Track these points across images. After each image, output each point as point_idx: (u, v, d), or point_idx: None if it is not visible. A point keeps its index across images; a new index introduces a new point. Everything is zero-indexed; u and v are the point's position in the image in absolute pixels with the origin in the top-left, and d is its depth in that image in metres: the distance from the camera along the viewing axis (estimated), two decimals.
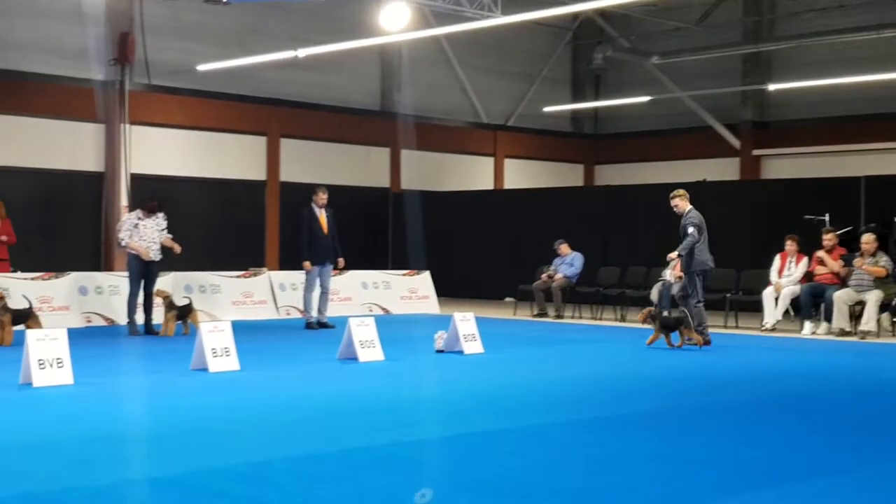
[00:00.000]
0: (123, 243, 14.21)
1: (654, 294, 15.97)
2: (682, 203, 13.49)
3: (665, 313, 13.54)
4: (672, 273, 13.75)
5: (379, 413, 8.20)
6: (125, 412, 8.20)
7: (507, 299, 21.71)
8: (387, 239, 25.38)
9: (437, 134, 26.07)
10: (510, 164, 28.07)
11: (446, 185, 26.03)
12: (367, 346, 11.41)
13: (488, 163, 27.75)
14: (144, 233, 14.16)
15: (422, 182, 25.46)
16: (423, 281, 19.62)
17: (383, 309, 18.59)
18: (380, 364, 11.17)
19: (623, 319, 17.57)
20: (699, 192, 14.96)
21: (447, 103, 26.63)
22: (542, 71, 28.64)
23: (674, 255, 13.31)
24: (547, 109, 27.86)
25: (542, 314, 18.49)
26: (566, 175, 28.93)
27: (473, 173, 27.27)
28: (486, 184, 27.37)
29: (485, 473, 6.08)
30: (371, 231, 24.91)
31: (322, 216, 15.09)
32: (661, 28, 26.04)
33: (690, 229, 13.15)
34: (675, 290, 14.07)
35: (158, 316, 14.28)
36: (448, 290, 21.44)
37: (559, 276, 18.53)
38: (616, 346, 13.81)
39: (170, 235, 14.35)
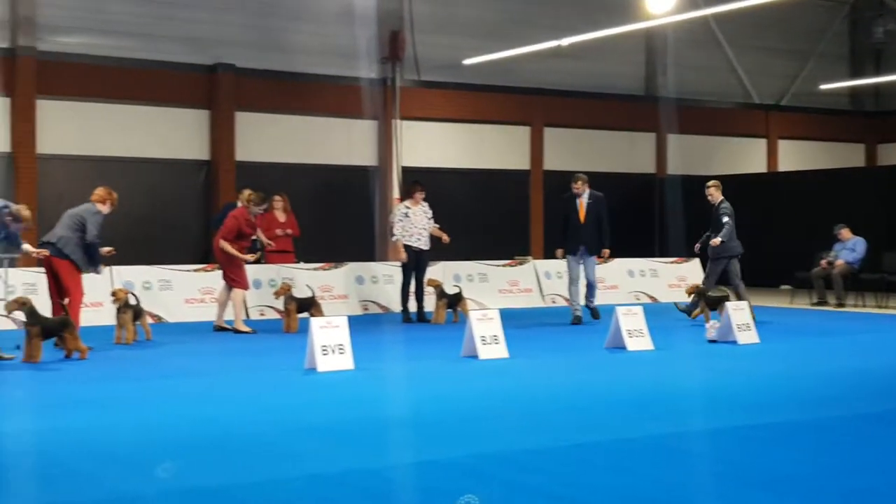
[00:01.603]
0: (395, 238, 14.72)
1: None
2: (716, 193, 15.20)
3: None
4: None
5: (651, 403, 8.09)
6: (401, 397, 8.48)
7: (784, 287, 20.88)
8: (653, 226, 24.99)
9: (704, 116, 25.42)
10: (784, 146, 26.98)
11: (715, 170, 25.26)
12: (636, 335, 11.28)
13: (760, 144, 26.80)
14: (415, 220, 14.60)
15: (689, 167, 24.88)
16: (692, 269, 19.19)
17: (651, 297, 18.34)
18: (649, 353, 11.01)
19: None
20: None
21: (715, 84, 25.91)
22: (818, 47, 27.32)
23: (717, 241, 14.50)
24: (824, 87, 26.56)
25: (822, 302, 17.67)
26: (845, 155, 27.46)
27: (744, 156, 26.41)
28: (759, 167, 26.43)
29: (762, 467, 5.88)
30: (637, 218, 24.60)
31: (581, 204, 14.37)
32: None
33: (725, 218, 14.71)
34: None
35: (430, 304, 14.70)
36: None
37: (840, 262, 17.65)
38: None
39: (436, 225, 14.73)
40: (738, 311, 11.99)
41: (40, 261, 11.13)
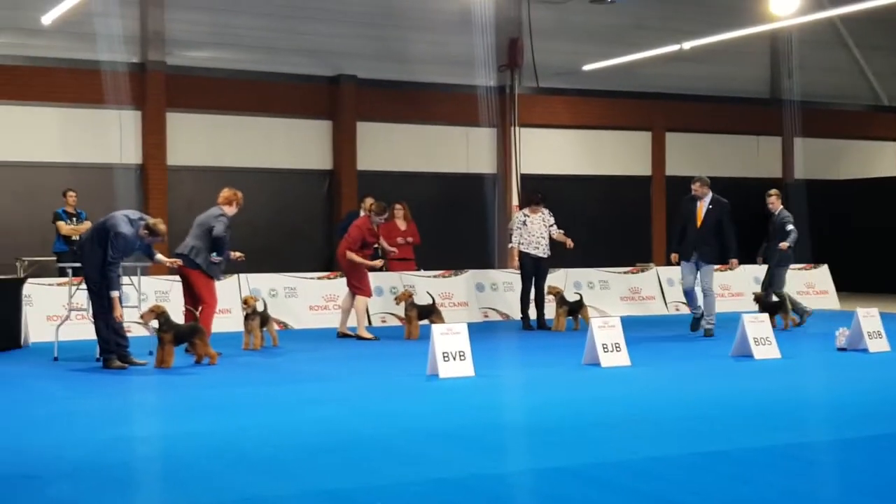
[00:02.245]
0: (511, 245, 14.75)
1: None
2: (776, 202, 15.18)
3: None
4: None
5: (777, 412, 7.92)
6: (522, 403, 8.49)
7: None
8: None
9: (831, 119, 24.78)
10: None
11: (843, 174, 24.68)
12: (763, 343, 11.05)
13: (891, 148, 25.98)
14: (532, 229, 14.59)
15: (816, 171, 24.32)
16: (821, 275, 18.72)
17: None
18: (776, 361, 10.78)
19: None
20: None
21: (842, 87, 25.23)
22: None
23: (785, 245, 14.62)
24: None
25: None
26: None
27: (874, 159, 25.65)
28: (890, 170, 25.62)
29: (891, 478, 5.71)
30: (762, 224, 24.03)
31: (700, 208, 13.60)
32: None
33: (790, 226, 14.79)
34: None
35: (550, 311, 14.66)
36: (849, 284, 20.32)
37: None
38: None
39: (560, 231, 14.68)
40: (869, 318, 11.64)
41: (172, 269, 11.49)
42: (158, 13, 18.55)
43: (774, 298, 14.62)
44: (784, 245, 14.78)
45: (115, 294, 10.32)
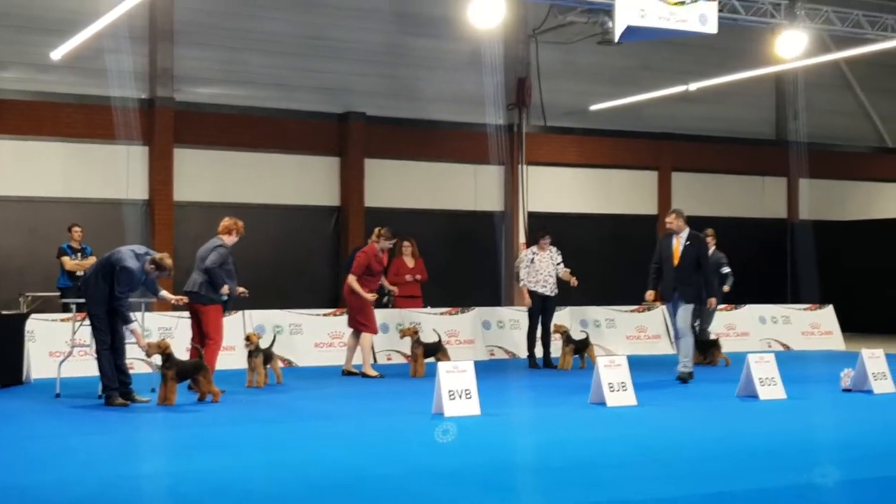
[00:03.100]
0: (521, 284, 14.73)
1: None
2: (712, 242, 14.95)
3: None
4: None
5: (785, 453, 7.87)
6: (528, 443, 8.44)
7: None
8: (785, 272, 24.41)
9: (836, 161, 24.82)
10: None
11: (849, 215, 24.68)
12: (768, 383, 11.01)
13: (895, 189, 25.99)
14: (540, 267, 14.57)
15: (822, 211, 24.34)
16: (826, 315, 18.65)
17: (783, 345, 17.87)
18: (782, 402, 10.73)
19: None
20: None
21: (847, 129, 25.30)
22: None
23: None
24: None
25: None
26: None
27: (879, 201, 25.65)
28: (894, 211, 25.61)
29: None
30: (768, 264, 24.10)
31: (677, 244, 12.68)
32: None
33: (726, 269, 15.17)
34: None
35: (557, 349, 14.62)
36: (854, 325, 20.26)
37: None
38: None
39: (567, 269, 14.66)
40: (874, 360, 11.59)
41: (177, 306, 11.47)
42: (167, 49, 18.67)
43: (713, 336, 15.43)
44: (726, 288, 15.37)
45: (133, 327, 10.31)
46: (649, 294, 13.18)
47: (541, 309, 14.63)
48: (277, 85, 19.67)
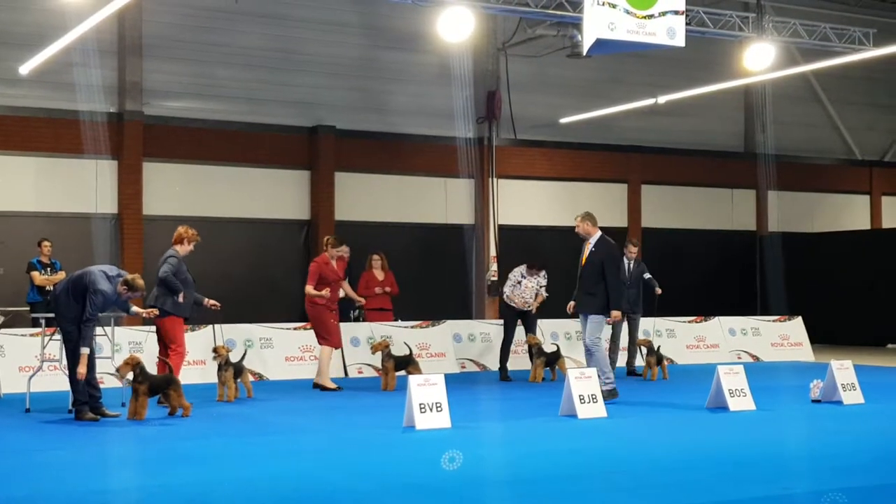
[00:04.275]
0: (506, 296, 14.74)
1: None
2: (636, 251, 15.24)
3: None
4: None
5: (754, 464, 7.91)
6: (499, 456, 8.45)
7: (890, 346, 20.32)
8: (754, 283, 24.57)
9: (805, 173, 25.04)
10: (889, 202, 26.38)
11: (817, 227, 24.89)
12: (738, 394, 11.06)
13: (863, 201, 26.24)
14: (524, 290, 14.60)
15: (790, 224, 24.54)
16: (796, 327, 18.78)
17: (753, 356, 17.98)
18: (752, 413, 10.79)
19: None
20: None
21: (816, 141, 25.54)
22: None
23: None
24: None
25: None
26: None
27: (847, 213, 25.89)
28: (862, 223, 25.87)
29: None
30: (738, 276, 24.25)
31: (585, 248, 11.84)
32: None
33: (648, 275, 15.16)
34: None
35: (527, 363, 14.64)
36: (823, 336, 20.41)
37: None
38: None
39: (545, 295, 14.68)
40: (843, 371, 11.68)
41: (147, 320, 11.45)
42: (136, 63, 18.60)
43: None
44: (659, 291, 15.36)
45: (84, 351, 10.21)
46: (569, 305, 12.21)
47: (517, 322, 14.69)
48: (247, 99, 19.64)
